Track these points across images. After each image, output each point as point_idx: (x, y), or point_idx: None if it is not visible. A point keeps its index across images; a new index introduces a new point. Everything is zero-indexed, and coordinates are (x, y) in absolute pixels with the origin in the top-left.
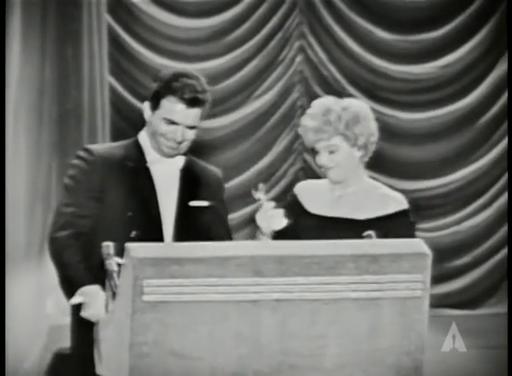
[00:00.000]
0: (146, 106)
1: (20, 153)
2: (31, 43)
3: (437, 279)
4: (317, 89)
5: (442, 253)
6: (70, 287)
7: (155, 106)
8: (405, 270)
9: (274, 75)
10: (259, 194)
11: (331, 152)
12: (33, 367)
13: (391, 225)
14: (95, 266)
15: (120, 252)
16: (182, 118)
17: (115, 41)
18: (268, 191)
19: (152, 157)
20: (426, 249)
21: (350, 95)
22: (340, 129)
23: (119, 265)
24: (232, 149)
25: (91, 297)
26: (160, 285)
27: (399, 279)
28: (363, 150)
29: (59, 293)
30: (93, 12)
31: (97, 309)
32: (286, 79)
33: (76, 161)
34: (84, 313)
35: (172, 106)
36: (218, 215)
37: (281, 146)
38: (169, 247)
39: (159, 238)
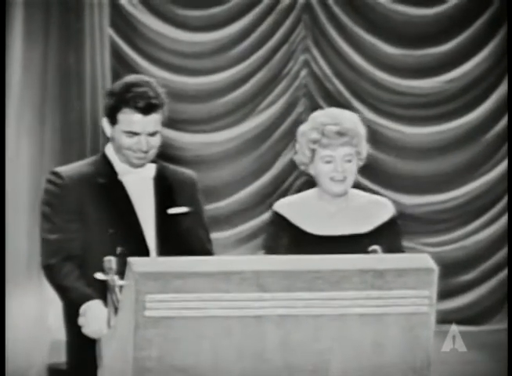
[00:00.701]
0: (104, 123)
1: (23, 164)
2: (33, 55)
3: (442, 294)
4: (321, 103)
5: (448, 268)
6: (75, 307)
7: (113, 121)
8: (411, 285)
9: (278, 89)
10: None
11: (348, 161)
12: None
13: (387, 233)
14: (91, 286)
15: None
16: (141, 128)
17: (117, 55)
18: (272, 205)
19: (122, 168)
20: (432, 264)
21: (354, 109)
22: (358, 140)
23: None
24: (237, 163)
25: (93, 313)
26: (163, 300)
27: (405, 294)
28: (360, 163)
29: (61, 307)
30: (95, 26)
31: (99, 326)
32: (290, 93)
33: (47, 186)
34: (86, 330)
35: (129, 118)
36: (196, 218)
37: (285, 160)
38: (171, 261)
39: (143, 250)
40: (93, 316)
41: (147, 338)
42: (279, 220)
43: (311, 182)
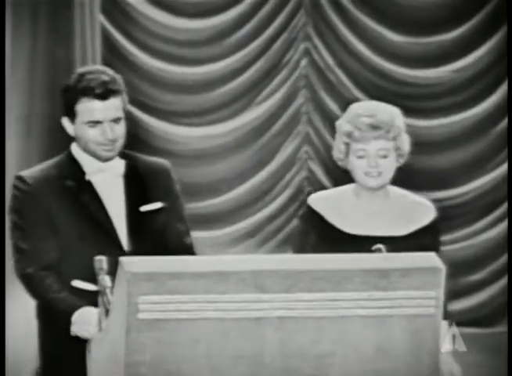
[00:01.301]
0: (65, 122)
1: (10, 160)
2: (20, 45)
3: (449, 295)
4: (323, 94)
5: (456, 268)
6: (61, 317)
7: (72, 116)
8: (417, 286)
9: (277, 79)
10: None
11: (384, 156)
12: None
13: (426, 236)
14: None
15: (85, 276)
16: (102, 114)
17: (109, 44)
18: (270, 202)
19: (90, 167)
20: (439, 263)
21: (358, 100)
22: (396, 133)
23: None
24: (233, 157)
25: (84, 317)
26: (157, 302)
27: (410, 295)
28: (401, 160)
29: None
30: (86, 13)
31: (87, 326)
32: (290, 84)
33: (13, 192)
34: (77, 334)
35: (88, 107)
36: (172, 212)
37: (285, 155)
38: (166, 261)
39: (119, 252)
40: (84, 320)
41: (140, 342)
42: (312, 215)
43: (311, 179)
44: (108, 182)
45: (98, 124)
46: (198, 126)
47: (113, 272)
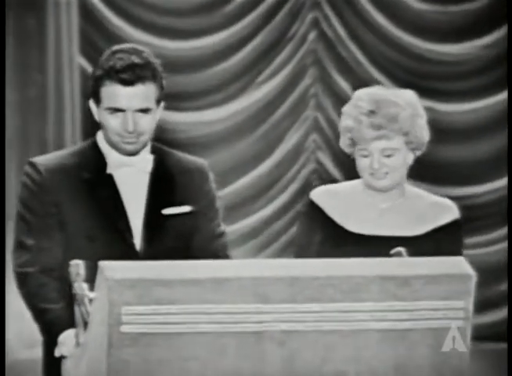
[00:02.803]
0: (91, 105)
1: None
2: None
3: (478, 306)
4: (334, 73)
5: (486, 275)
6: (49, 331)
7: (97, 99)
8: (443, 295)
9: (281, 56)
10: None
11: (388, 155)
12: None
13: (444, 239)
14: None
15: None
16: (126, 101)
17: (87, 13)
18: (274, 198)
19: (114, 160)
20: (469, 269)
21: (374, 80)
22: (405, 128)
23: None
24: (231, 147)
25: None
26: (143, 313)
27: (435, 306)
28: (417, 152)
29: (22, 323)
30: None
31: (66, 343)
32: (296, 61)
33: (23, 180)
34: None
35: (111, 91)
36: (204, 219)
37: (290, 144)
38: (154, 266)
39: (132, 255)
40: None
41: (123, 359)
42: (315, 211)
43: (320, 171)
44: (132, 178)
45: (120, 112)
46: (189, 111)
47: (93, 278)
